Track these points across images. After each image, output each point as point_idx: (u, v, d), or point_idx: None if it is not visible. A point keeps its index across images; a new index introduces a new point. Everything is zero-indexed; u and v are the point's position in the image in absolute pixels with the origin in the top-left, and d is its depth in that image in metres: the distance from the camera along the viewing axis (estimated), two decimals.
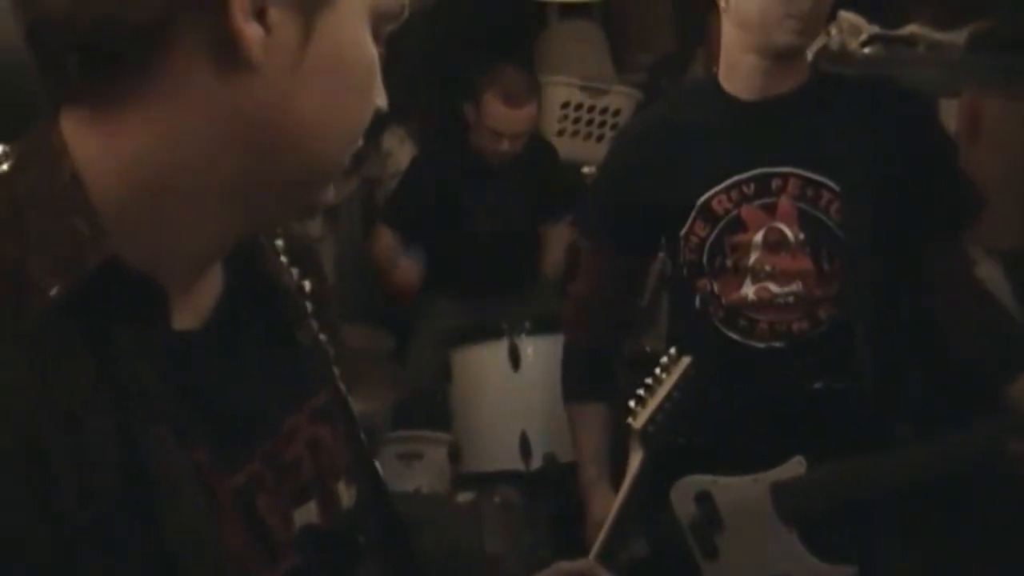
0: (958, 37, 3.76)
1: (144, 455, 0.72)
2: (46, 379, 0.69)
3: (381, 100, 0.82)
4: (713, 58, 2.12)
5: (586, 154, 4.30)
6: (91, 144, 0.73)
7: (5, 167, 0.75)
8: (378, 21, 0.79)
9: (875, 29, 3.83)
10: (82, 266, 0.70)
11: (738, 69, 1.98)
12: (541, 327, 3.08)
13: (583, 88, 4.20)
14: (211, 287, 0.83)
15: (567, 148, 4.15)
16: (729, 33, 1.98)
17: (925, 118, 2.03)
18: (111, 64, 0.71)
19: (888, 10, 3.81)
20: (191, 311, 0.80)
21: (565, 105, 4.20)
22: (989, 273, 2.62)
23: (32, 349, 0.68)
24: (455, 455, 3.11)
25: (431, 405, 3.22)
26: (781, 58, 1.92)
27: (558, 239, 3.77)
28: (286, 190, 0.79)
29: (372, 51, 0.79)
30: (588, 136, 4.27)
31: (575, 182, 4.18)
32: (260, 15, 0.71)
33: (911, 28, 3.81)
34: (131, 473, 0.71)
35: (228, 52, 0.71)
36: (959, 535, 2.27)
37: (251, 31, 0.71)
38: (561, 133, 4.21)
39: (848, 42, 3.81)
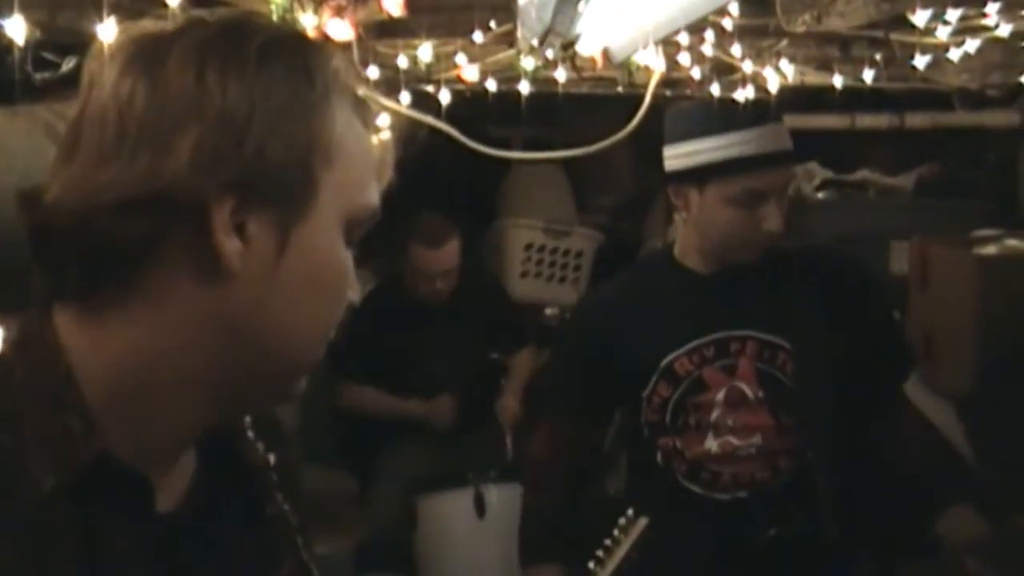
0: (906, 181, 3.90)
1: None
2: (34, 564, 0.72)
3: (354, 295, 0.86)
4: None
5: (548, 294, 4.36)
6: (81, 341, 0.77)
7: None
8: (352, 227, 0.84)
9: (828, 174, 3.96)
10: (76, 460, 0.74)
11: (693, 253, 2.06)
12: (506, 475, 3.07)
13: (546, 230, 4.29)
14: (186, 467, 0.86)
15: (530, 289, 4.22)
16: (687, 230, 2.05)
17: (866, 288, 2.13)
18: (105, 271, 0.76)
19: (840, 156, 3.94)
20: (169, 492, 0.83)
21: (528, 247, 4.30)
22: (942, 417, 2.66)
23: (23, 536, 0.72)
24: None
25: (394, 550, 3.19)
26: None
27: (519, 368, 3.72)
28: (263, 382, 0.83)
29: (344, 256, 0.84)
30: (551, 277, 4.34)
31: (535, 320, 4.22)
32: (240, 228, 0.76)
33: (862, 173, 3.94)
34: None
35: (209, 262, 0.76)
36: None
37: (231, 245, 0.76)
38: (524, 275, 4.29)
39: (803, 187, 3.93)
